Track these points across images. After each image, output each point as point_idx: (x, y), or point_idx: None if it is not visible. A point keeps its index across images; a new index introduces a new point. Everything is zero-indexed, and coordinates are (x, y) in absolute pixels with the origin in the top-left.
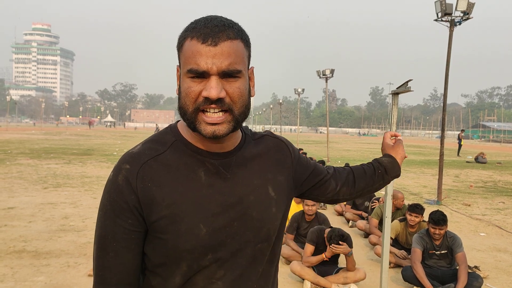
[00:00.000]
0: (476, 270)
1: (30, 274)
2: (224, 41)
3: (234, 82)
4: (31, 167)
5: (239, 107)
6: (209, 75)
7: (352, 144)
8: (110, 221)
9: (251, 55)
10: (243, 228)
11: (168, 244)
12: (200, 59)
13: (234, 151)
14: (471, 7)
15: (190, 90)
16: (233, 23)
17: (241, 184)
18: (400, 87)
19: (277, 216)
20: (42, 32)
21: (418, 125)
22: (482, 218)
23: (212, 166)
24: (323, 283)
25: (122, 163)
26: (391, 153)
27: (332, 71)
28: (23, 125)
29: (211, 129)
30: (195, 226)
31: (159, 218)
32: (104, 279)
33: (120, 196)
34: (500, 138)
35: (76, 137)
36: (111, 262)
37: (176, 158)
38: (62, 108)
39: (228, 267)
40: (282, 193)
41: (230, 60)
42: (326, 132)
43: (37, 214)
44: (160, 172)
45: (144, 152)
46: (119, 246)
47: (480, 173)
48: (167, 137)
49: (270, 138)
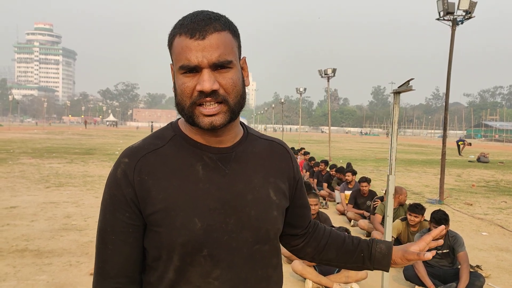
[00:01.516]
0: (478, 270)
1: (32, 273)
2: (211, 34)
3: (226, 73)
4: (33, 166)
5: (234, 97)
6: (200, 68)
7: (354, 144)
8: (109, 215)
9: (241, 45)
10: (240, 226)
11: (163, 237)
12: (190, 54)
13: (234, 147)
14: (473, 6)
15: (185, 86)
16: (219, 15)
17: (240, 181)
18: (402, 86)
19: (278, 220)
20: (44, 31)
21: (420, 125)
22: (484, 217)
23: (210, 160)
24: (324, 282)
25: (121, 157)
26: (403, 247)
27: (334, 70)
28: (25, 125)
29: (209, 120)
30: (190, 220)
31: (155, 211)
32: (104, 271)
33: (118, 190)
34: (502, 138)
35: (78, 136)
36: (110, 254)
37: (174, 152)
38: (64, 108)
39: (225, 266)
40: (283, 200)
41: (220, 52)
42: (328, 131)
43: (39, 213)
44: (157, 165)
45: (144, 146)
46: (117, 239)
47: (482, 173)
48: (167, 132)
49: (278, 145)
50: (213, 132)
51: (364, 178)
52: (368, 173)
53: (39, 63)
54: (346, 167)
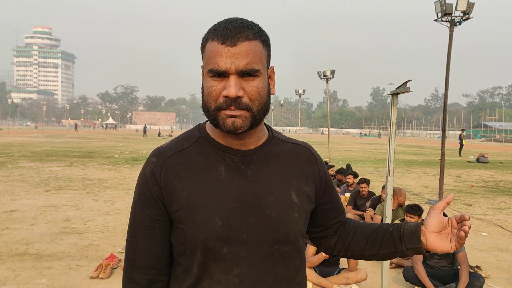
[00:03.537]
0: (477, 270)
1: (32, 276)
2: (242, 42)
3: (253, 81)
4: (33, 170)
5: (257, 104)
6: (228, 74)
7: (353, 145)
8: (138, 210)
9: (270, 54)
10: (260, 226)
11: (186, 233)
12: (219, 59)
13: (257, 150)
14: (471, 7)
15: (211, 89)
16: (253, 24)
17: (261, 183)
18: (399, 87)
19: (299, 222)
20: (43, 35)
21: (419, 125)
22: (484, 218)
23: (232, 161)
24: (324, 284)
25: (150, 157)
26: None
27: (333, 72)
28: (25, 128)
29: (231, 121)
30: (210, 218)
31: (179, 209)
32: (133, 262)
33: (146, 187)
34: (501, 138)
35: (77, 139)
36: (139, 247)
37: (198, 153)
38: (63, 111)
39: (245, 264)
40: (306, 203)
41: (248, 60)
42: (327, 133)
43: (39, 216)
44: (182, 165)
45: (171, 147)
46: (145, 233)
47: (481, 173)
48: (194, 134)
49: (304, 149)
50: (236, 135)
51: (363, 179)
52: (368, 174)
53: (38, 67)
54: (346, 168)
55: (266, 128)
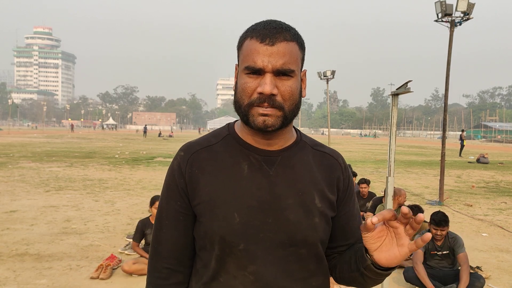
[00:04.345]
0: (478, 271)
1: (32, 277)
2: (280, 42)
3: (287, 81)
4: (33, 170)
5: (289, 104)
6: (264, 72)
7: (353, 145)
8: (165, 202)
9: (304, 58)
10: (277, 227)
11: (205, 227)
12: (257, 57)
13: (282, 151)
14: (471, 8)
15: (246, 85)
16: (290, 27)
17: (283, 184)
18: (400, 88)
19: (319, 227)
20: (43, 35)
21: (419, 126)
22: (484, 218)
23: (256, 160)
24: None
25: (179, 151)
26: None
27: (333, 72)
28: (25, 129)
29: (262, 119)
30: (229, 214)
31: (200, 202)
32: (157, 251)
33: (173, 180)
34: (502, 138)
35: (77, 140)
36: (163, 237)
37: (224, 150)
38: (64, 111)
39: (260, 263)
40: (328, 209)
41: (285, 60)
42: (328, 133)
43: (39, 217)
44: (207, 161)
45: (199, 142)
46: (170, 224)
47: (482, 174)
48: (223, 131)
49: (330, 157)
50: (264, 135)
51: (363, 180)
52: (368, 175)
53: (38, 67)
54: None
55: (294, 131)
